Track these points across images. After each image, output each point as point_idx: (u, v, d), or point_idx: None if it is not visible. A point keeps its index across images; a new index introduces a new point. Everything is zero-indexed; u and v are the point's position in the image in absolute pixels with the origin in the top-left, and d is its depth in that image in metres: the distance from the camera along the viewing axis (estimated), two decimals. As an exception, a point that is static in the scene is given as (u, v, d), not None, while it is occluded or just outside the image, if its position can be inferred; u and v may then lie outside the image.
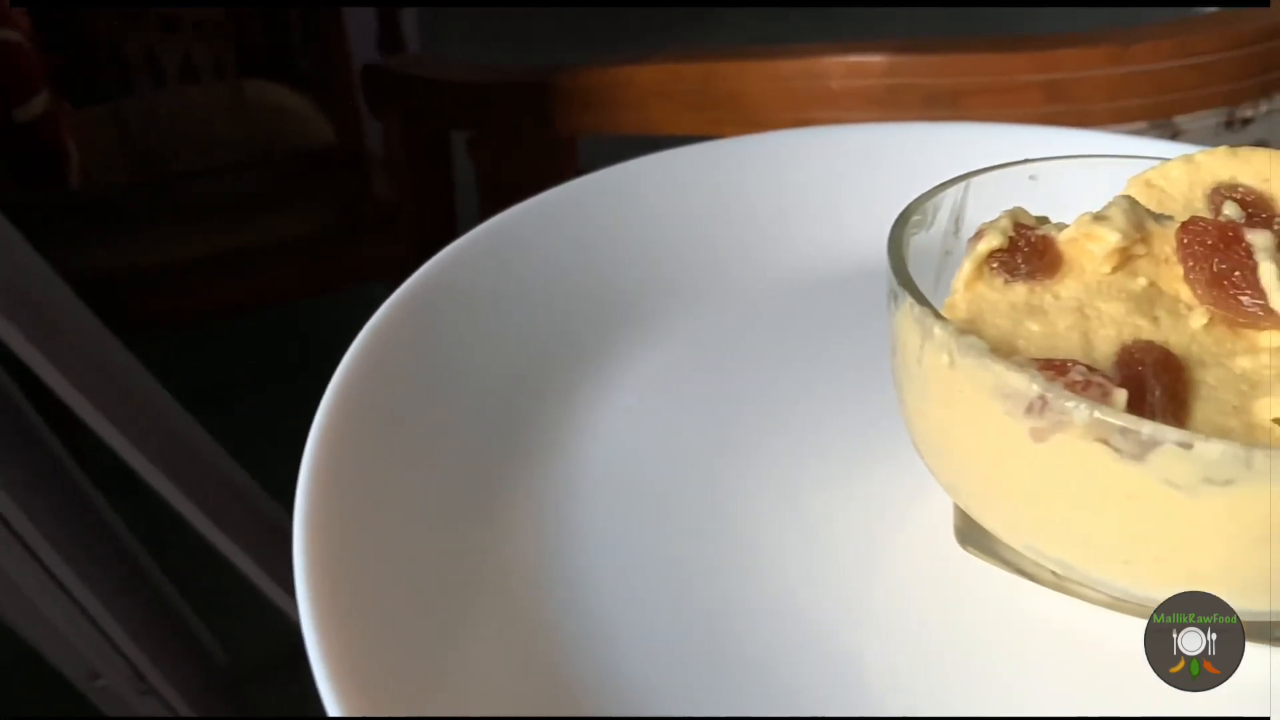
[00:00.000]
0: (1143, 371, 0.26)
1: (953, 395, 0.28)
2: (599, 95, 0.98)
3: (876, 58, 0.84)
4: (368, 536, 0.29)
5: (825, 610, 0.30)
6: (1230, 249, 0.27)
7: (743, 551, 0.31)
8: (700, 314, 0.40)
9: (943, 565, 0.31)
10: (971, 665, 0.29)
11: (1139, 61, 0.82)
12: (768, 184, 0.44)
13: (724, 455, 0.35)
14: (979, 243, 0.29)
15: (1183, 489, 0.24)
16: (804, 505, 0.33)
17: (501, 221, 0.40)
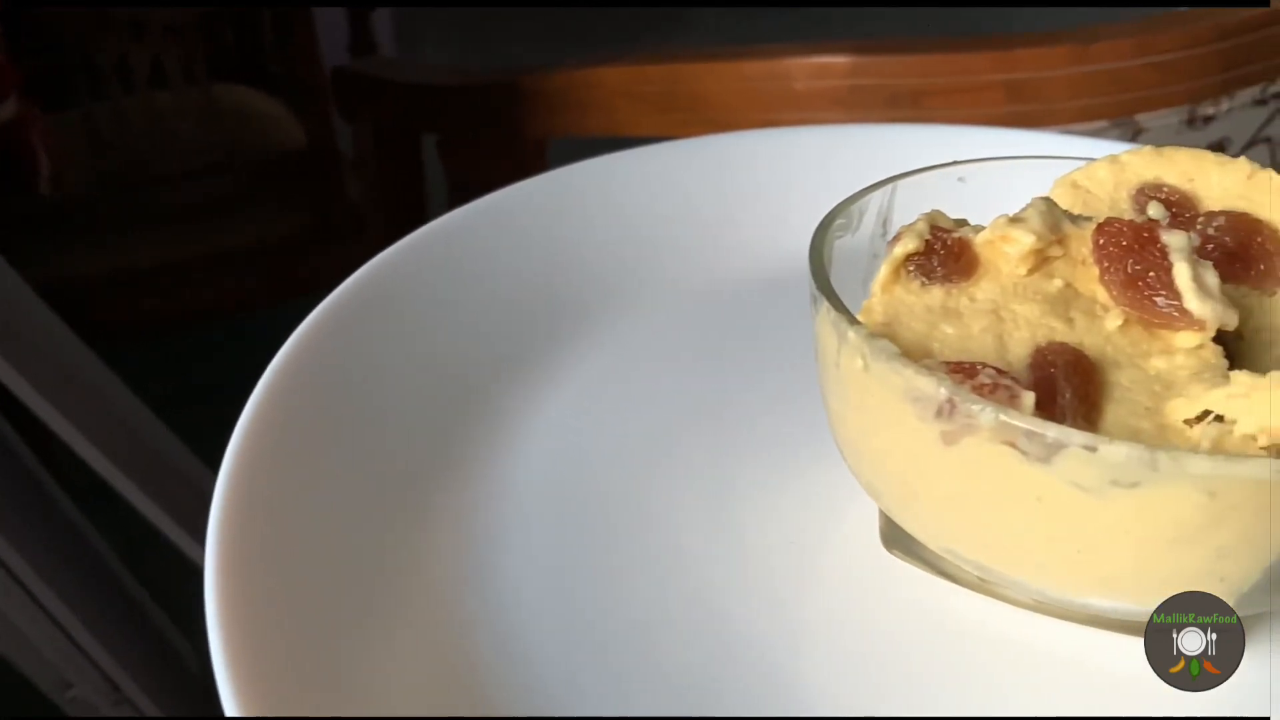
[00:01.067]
0: (1054, 373, 0.26)
1: (868, 399, 0.28)
2: (566, 97, 0.98)
3: (840, 59, 0.84)
4: (283, 541, 0.28)
5: (749, 614, 0.30)
6: (1145, 250, 0.27)
7: (668, 557, 0.31)
8: (641, 317, 0.40)
9: (868, 569, 0.31)
10: (895, 668, 0.29)
11: (1099, 60, 0.82)
12: (713, 186, 0.44)
13: (655, 460, 0.34)
14: (896, 246, 0.29)
15: (1090, 491, 0.24)
16: (732, 509, 0.33)
17: (441, 225, 0.40)
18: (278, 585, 0.27)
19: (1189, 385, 0.26)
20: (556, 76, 0.98)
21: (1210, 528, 0.24)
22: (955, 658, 0.29)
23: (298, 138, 1.43)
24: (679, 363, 0.39)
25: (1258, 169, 0.32)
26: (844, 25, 2.12)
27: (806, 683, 0.28)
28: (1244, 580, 0.25)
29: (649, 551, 0.31)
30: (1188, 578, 0.25)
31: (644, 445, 0.35)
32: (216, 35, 1.54)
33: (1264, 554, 0.25)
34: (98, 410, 0.93)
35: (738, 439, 0.35)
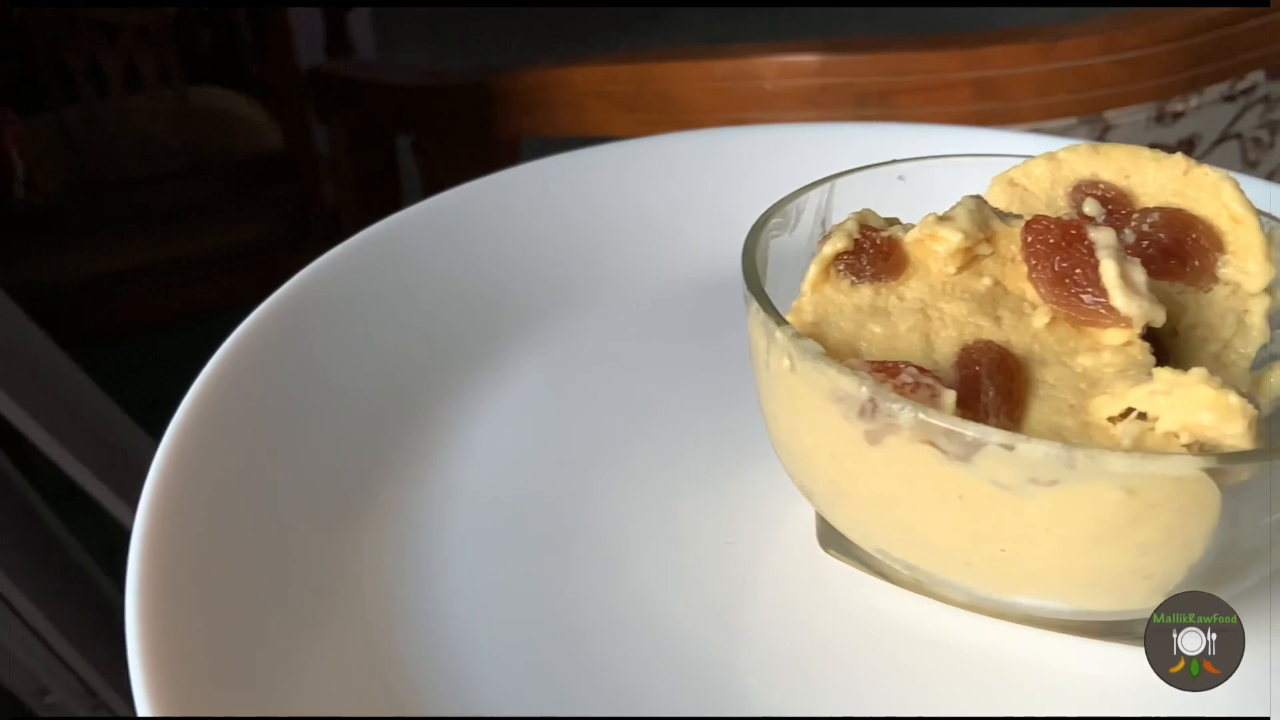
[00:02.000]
0: (978, 372, 0.26)
1: (796, 399, 0.27)
2: (537, 97, 0.98)
3: (808, 58, 0.84)
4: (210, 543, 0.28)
5: (685, 615, 0.29)
6: (1073, 247, 0.27)
7: (606, 558, 0.31)
8: (587, 318, 0.40)
9: (805, 569, 0.31)
10: (830, 668, 0.28)
11: (1067, 58, 0.82)
12: (662, 187, 0.44)
13: (596, 462, 0.34)
14: (825, 245, 0.29)
15: (1010, 490, 0.24)
16: (672, 510, 0.32)
17: (385, 228, 0.40)
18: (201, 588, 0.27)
19: (1114, 382, 0.26)
20: (527, 76, 0.98)
21: (1131, 525, 0.24)
22: (890, 657, 0.29)
23: (274, 140, 1.43)
24: (624, 363, 0.39)
25: (1194, 165, 0.32)
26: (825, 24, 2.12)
27: (742, 682, 0.28)
28: (1169, 578, 0.25)
29: (587, 553, 0.31)
30: (1112, 576, 0.25)
31: (586, 447, 0.35)
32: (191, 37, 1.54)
33: (1188, 551, 0.25)
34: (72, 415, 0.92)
35: (681, 440, 0.35)
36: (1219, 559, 0.25)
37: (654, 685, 0.28)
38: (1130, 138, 0.89)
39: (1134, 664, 0.28)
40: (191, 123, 1.42)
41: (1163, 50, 0.83)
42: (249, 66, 1.53)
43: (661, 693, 0.27)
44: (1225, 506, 0.24)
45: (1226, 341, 0.30)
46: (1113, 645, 0.29)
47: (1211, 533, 0.24)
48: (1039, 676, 0.28)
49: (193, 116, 1.42)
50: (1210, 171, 0.31)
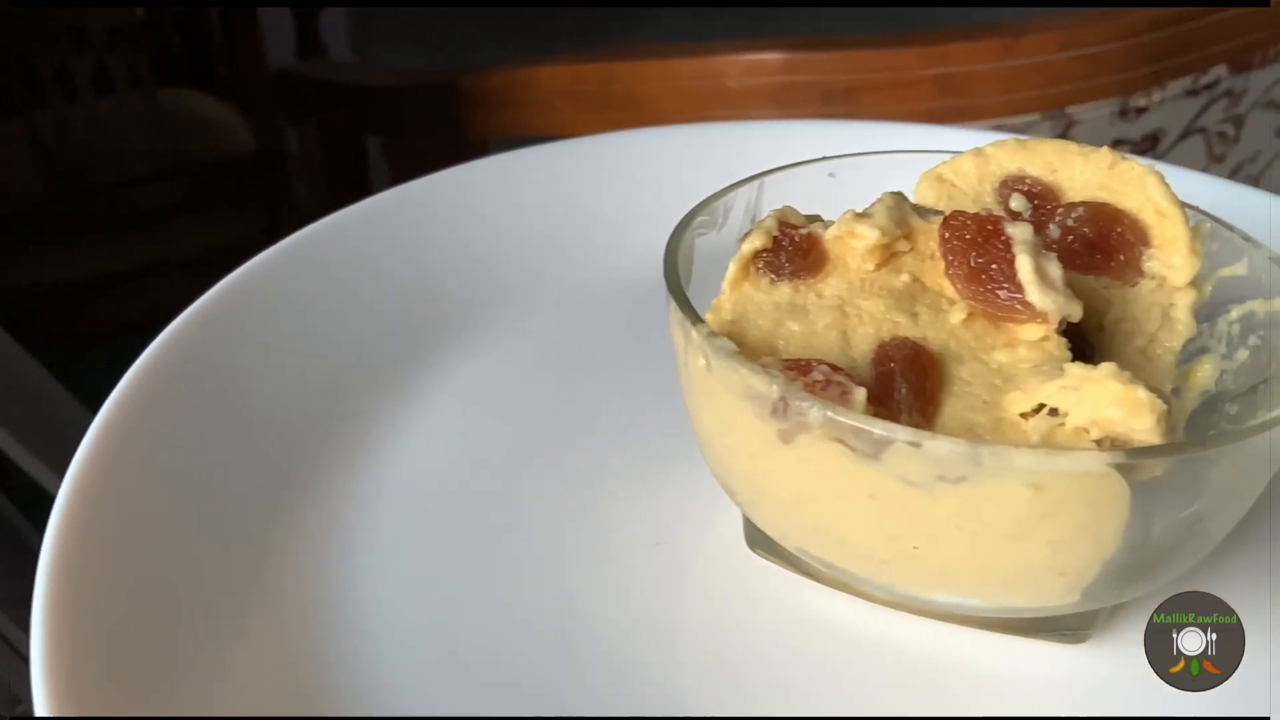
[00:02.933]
0: (893, 369, 0.26)
1: (713, 398, 0.27)
2: (504, 96, 0.97)
3: (772, 55, 0.84)
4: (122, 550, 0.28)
5: (611, 616, 0.29)
6: (989, 243, 0.27)
7: (533, 563, 0.31)
8: (528, 318, 0.40)
9: (733, 569, 0.31)
10: (755, 667, 0.28)
11: (1029, 54, 0.82)
12: (605, 185, 0.44)
13: (526, 466, 0.34)
14: (745, 243, 0.29)
15: (920, 487, 0.24)
16: (601, 512, 0.32)
17: (315, 231, 0.39)
18: (113, 590, 0.27)
19: (1028, 378, 0.26)
20: (495, 76, 0.97)
21: (1040, 522, 0.24)
22: (817, 657, 0.28)
23: (246, 142, 1.42)
24: (563, 363, 0.38)
25: (1120, 159, 0.32)
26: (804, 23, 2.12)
27: (667, 682, 0.28)
28: (1084, 574, 0.25)
29: (514, 555, 0.31)
30: (1026, 572, 0.25)
31: (519, 447, 0.35)
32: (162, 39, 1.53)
33: (1101, 548, 0.25)
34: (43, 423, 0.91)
35: (616, 440, 0.35)
36: (1135, 555, 0.25)
37: (579, 686, 0.27)
38: (1093, 133, 0.89)
39: (1059, 661, 0.28)
40: (162, 126, 1.41)
41: (1124, 46, 0.84)
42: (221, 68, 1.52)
43: (587, 693, 0.27)
44: (1139, 502, 0.24)
45: (1152, 336, 0.30)
46: (1038, 642, 0.29)
47: (1123, 528, 0.24)
48: (964, 675, 0.28)
49: (164, 119, 1.42)
50: (1136, 165, 0.31)
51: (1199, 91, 0.89)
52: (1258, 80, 0.92)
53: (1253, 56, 0.89)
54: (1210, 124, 0.94)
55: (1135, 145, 0.91)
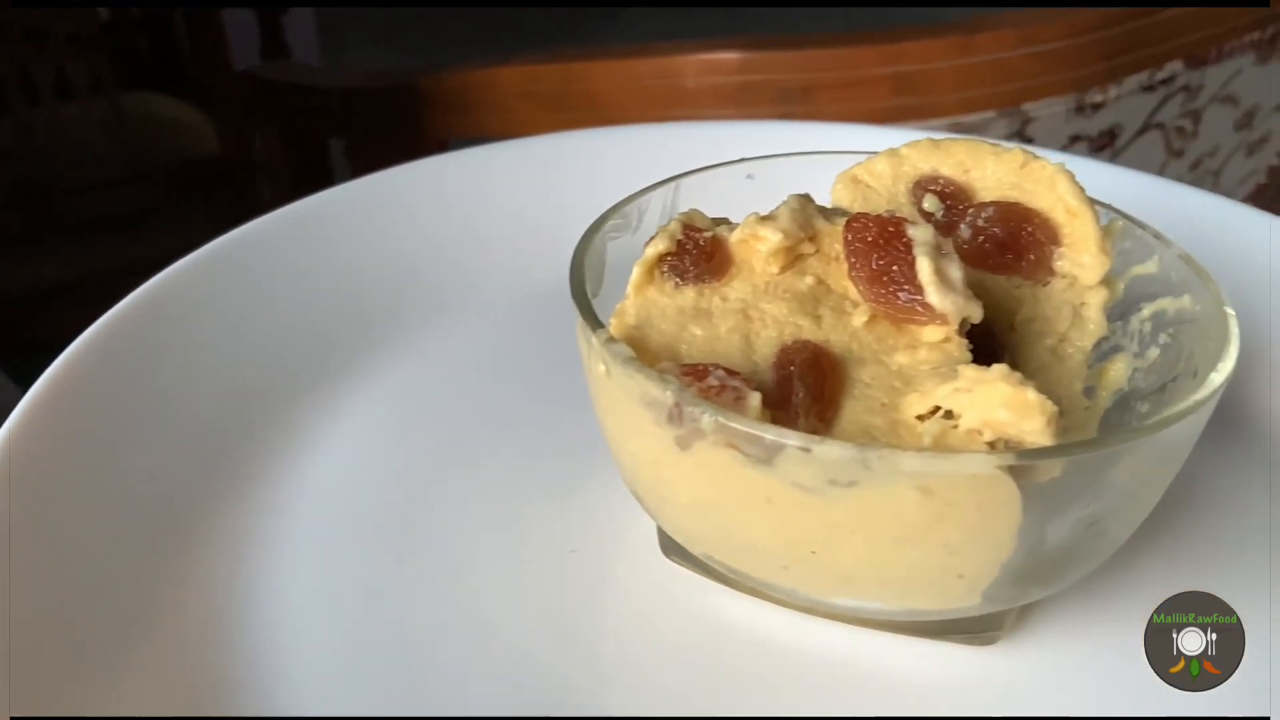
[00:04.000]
0: (791, 372, 0.26)
1: (615, 404, 0.27)
2: (463, 98, 0.97)
3: (728, 55, 0.84)
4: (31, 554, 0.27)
5: (523, 623, 0.29)
6: (890, 245, 0.27)
7: (445, 571, 0.30)
8: (452, 324, 0.39)
9: (647, 575, 0.30)
10: (668, 673, 0.28)
11: (984, 51, 0.83)
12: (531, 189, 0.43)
13: (445, 471, 0.34)
14: (649, 247, 0.28)
15: (813, 492, 0.24)
16: (516, 519, 0.32)
17: (240, 235, 0.39)
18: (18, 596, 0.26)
19: (925, 380, 0.26)
20: (453, 77, 0.97)
21: (933, 525, 0.24)
22: (726, 661, 0.28)
23: (213, 145, 1.41)
24: (481, 372, 0.38)
25: (1032, 158, 0.31)
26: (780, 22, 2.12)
27: (577, 687, 0.27)
28: (982, 576, 0.25)
29: (427, 565, 0.31)
30: (924, 576, 0.25)
31: (436, 456, 0.34)
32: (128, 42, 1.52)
33: (998, 550, 0.24)
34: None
35: (535, 447, 0.35)
36: (1034, 557, 0.25)
37: (488, 692, 0.27)
38: (1050, 130, 0.89)
39: (969, 663, 0.28)
40: (126, 130, 1.39)
41: (1079, 42, 0.84)
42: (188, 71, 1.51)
43: (496, 699, 0.27)
44: (1034, 504, 0.24)
45: (1063, 335, 0.30)
46: (947, 644, 0.28)
47: (1017, 530, 0.24)
48: (874, 678, 0.28)
49: (128, 123, 1.40)
50: (1047, 164, 0.31)
51: (1155, 87, 0.89)
52: (1214, 75, 0.92)
53: (1208, 52, 0.90)
54: (1168, 119, 0.94)
55: (1093, 141, 0.92)
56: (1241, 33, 0.91)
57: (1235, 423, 0.36)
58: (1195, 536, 0.32)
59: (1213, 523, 0.32)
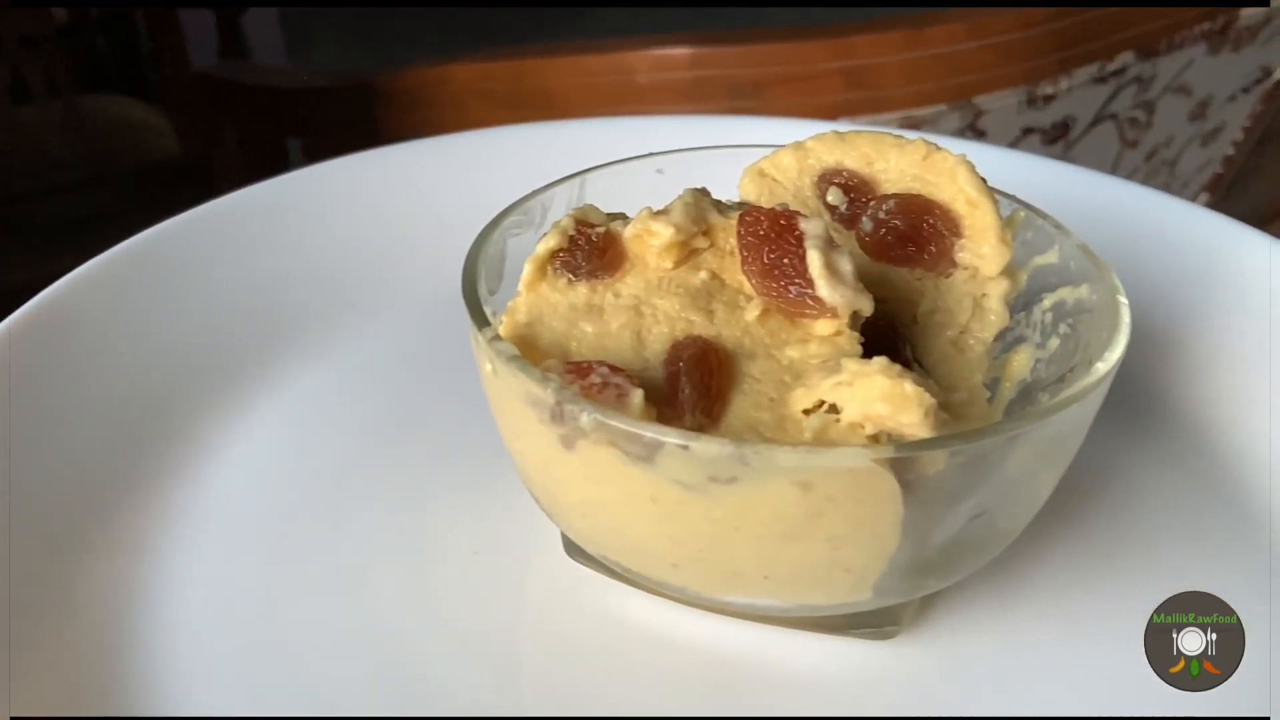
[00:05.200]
0: (679, 369, 0.25)
1: (503, 404, 0.27)
2: (418, 96, 0.96)
3: (680, 51, 0.84)
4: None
5: (425, 626, 0.28)
6: (782, 238, 0.27)
7: (345, 575, 0.30)
8: (371, 324, 0.39)
9: (552, 576, 0.30)
10: (569, 672, 0.28)
11: (934, 45, 0.83)
12: (452, 186, 0.43)
13: (352, 474, 0.33)
14: (540, 243, 0.28)
15: (694, 489, 0.23)
16: (421, 522, 0.32)
17: (145, 239, 0.38)
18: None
19: (813, 374, 0.25)
20: (408, 76, 0.96)
21: (814, 520, 0.23)
22: (629, 660, 0.28)
23: (173, 146, 1.40)
24: (393, 374, 0.38)
25: (934, 149, 0.31)
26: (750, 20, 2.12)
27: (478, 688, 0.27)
28: (870, 570, 0.25)
29: (329, 571, 0.30)
30: (810, 571, 0.25)
31: (341, 462, 0.34)
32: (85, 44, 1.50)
33: (882, 543, 0.24)
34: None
35: (442, 450, 0.34)
36: (923, 548, 0.25)
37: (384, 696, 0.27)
38: (1002, 122, 0.89)
39: (869, 658, 0.28)
40: (85, 133, 1.38)
41: (1030, 34, 0.84)
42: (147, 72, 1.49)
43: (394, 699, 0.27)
44: (919, 495, 0.24)
45: (964, 327, 0.30)
46: (848, 640, 0.28)
47: (899, 523, 0.24)
48: (775, 674, 0.28)
49: (86, 126, 1.38)
50: (949, 155, 0.31)
51: (1107, 78, 0.90)
52: (1166, 66, 0.93)
53: (1159, 43, 0.90)
54: (1121, 110, 0.95)
55: (1045, 133, 0.92)
56: (1192, 23, 0.91)
57: (1148, 413, 0.36)
58: (1103, 526, 0.32)
59: (1121, 512, 0.32)
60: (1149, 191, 0.44)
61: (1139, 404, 0.37)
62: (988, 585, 0.29)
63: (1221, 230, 0.41)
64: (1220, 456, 0.34)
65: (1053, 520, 0.31)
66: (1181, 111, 1.00)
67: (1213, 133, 1.06)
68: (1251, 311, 0.38)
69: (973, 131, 0.86)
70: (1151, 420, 0.36)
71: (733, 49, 0.83)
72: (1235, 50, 0.97)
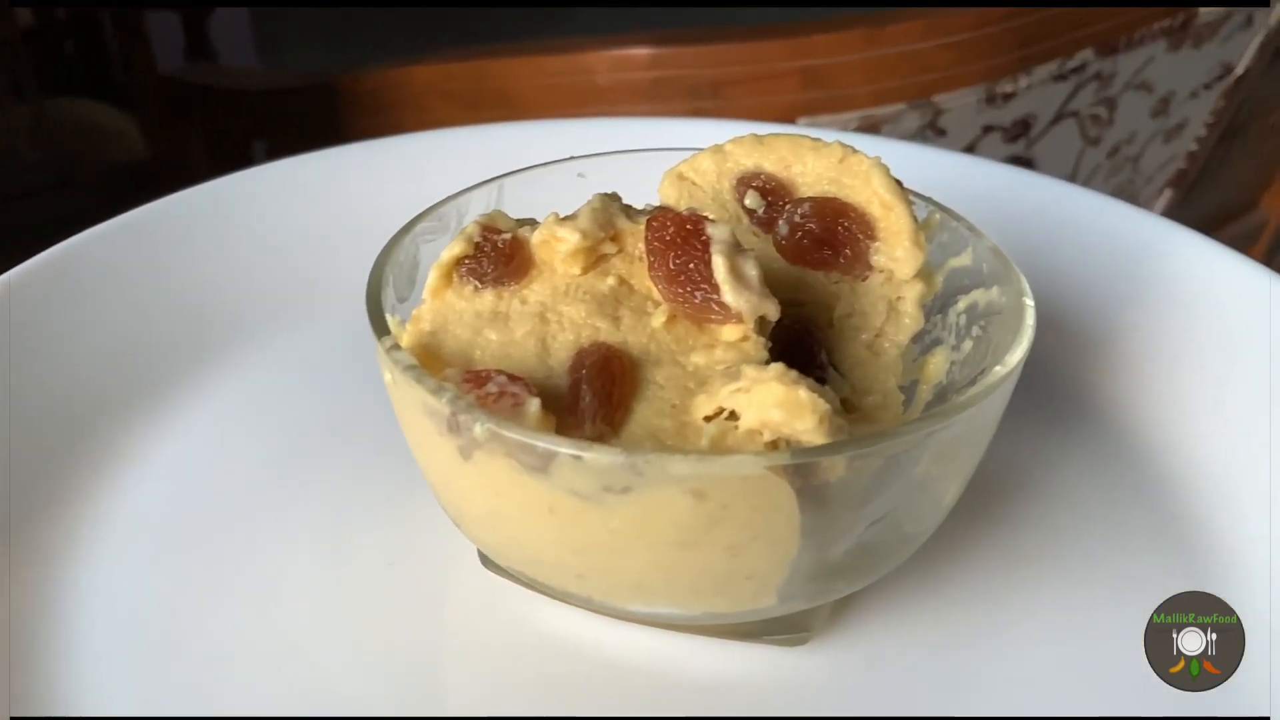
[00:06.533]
0: (580, 377, 0.25)
1: (404, 414, 0.26)
2: (380, 97, 0.96)
3: (640, 51, 0.84)
4: None
5: (337, 637, 0.28)
6: (688, 243, 0.27)
7: (260, 588, 0.30)
8: (294, 333, 0.39)
9: (466, 586, 0.30)
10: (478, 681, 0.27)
11: (893, 43, 0.83)
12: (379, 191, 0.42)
13: (270, 486, 0.33)
14: (445, 251, 0.28)
15: (590, 499, 0.23)
16: (338, 534, 0.31)
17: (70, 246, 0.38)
18: None
19: (716, 381, 0.25)
20: (369, 77, 0.96)
21: (710, 528, 0.23)
22: (540, 669, 0.28)
23: (140, 149, 1.38)
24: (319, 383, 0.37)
25: (850, 152, 0.31)
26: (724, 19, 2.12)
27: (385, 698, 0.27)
28: (773, 576, 0.25)
29: (242, 583, 0.30)
30: (711, 579, 0.25)
31: (261, 473, 0.33)
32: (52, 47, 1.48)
33: (783, 549, 0.24)
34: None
35: (362, 461, 0.34)
36: (826, 554, 0.25)
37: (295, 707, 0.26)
38: (962, 121, 0.89)
39: (781, 664, 0.28)
40: (51, 137, 1.36)
41: (989, 33, 0.84)
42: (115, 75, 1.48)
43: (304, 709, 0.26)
44: (818, 501, 0.24)
45: (879, 330, 0.30)
46: (760, 647, 0.28)
47: (798, 529, 0.24)
48: (686, 682, 0.27)
49: (53, 130, 1.37)
50: (864, 158, 0.31)
51: (1067, 76, 0.90)
52: (1126, 63, 0.93)
53: (1118, 39, 0.91)
54: (1082, 107, 0.95)
55: (1006, 131, 0.92)
56: (1151, 20, 0.92)
57: (1072, 411, 0.36)
58: (1022, 525, 0.32)
59: (1041, 511, 0.32)
60: (1081, 190, 0.44)
61: (1064, 402, 0.37)
62: (903, 587, 0.29)
63: (1151, 229, 0.41)
64: (1143, 454, 0.35)
65: (972, 520, 0.31)
66: (1143, 108, 1.00)
67: (1175, 129, 1.06)
68: (1177, 309, 0.38)
69: (933, 130, 0.86)
70: (1076, 418, 0.36)
71: (692, 49, 0.83)
72: (1196, 47, 0.98)
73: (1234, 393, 0.35)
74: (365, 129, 0.99)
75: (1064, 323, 0.38)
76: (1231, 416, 0.34)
